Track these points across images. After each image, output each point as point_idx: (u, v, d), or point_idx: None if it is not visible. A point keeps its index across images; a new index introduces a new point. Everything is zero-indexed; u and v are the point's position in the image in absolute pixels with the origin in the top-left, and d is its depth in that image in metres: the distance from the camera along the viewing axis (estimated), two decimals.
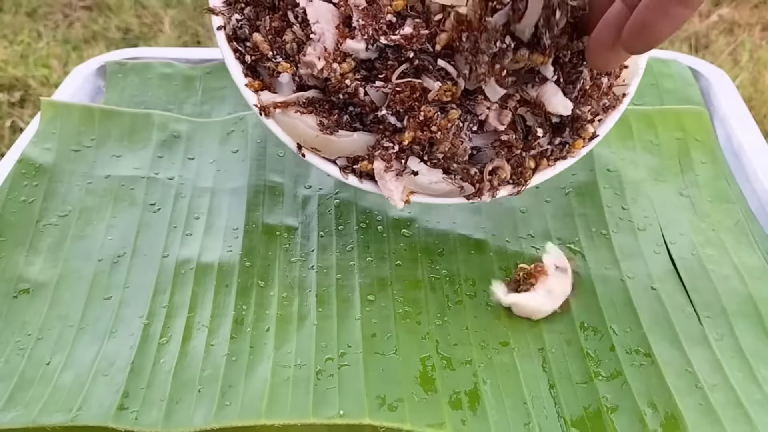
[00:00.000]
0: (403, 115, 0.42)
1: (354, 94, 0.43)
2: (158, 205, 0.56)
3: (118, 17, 1.35)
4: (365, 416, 0.40)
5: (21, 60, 1.23)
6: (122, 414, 0.41)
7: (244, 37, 0.45)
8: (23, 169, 0.57)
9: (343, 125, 0.44)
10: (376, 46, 0.42)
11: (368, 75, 0.43)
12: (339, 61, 0.43)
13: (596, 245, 0.52)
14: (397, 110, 0.42)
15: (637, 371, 0.43)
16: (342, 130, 0.44)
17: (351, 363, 0.43)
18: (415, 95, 0.42)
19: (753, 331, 0.46)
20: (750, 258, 0.51)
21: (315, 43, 0.43)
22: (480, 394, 0.42)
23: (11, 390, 0.43)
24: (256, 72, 0.46)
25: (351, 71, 0.43)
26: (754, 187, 0.57)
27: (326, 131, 0.44)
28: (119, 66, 0.72)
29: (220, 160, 0.60)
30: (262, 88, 0.45)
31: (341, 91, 0.43)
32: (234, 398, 0.42)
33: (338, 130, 0.44)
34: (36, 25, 1.33)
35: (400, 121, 0.42)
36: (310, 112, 0.44)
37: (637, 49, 0.37)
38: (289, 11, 0.44)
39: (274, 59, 0.44)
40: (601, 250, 0.51)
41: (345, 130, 0.44)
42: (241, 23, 0.45)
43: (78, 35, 1.31)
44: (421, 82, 0.42)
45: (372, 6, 0.42)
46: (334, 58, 0.43)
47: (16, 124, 1.11)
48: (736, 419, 0.40)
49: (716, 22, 1.46)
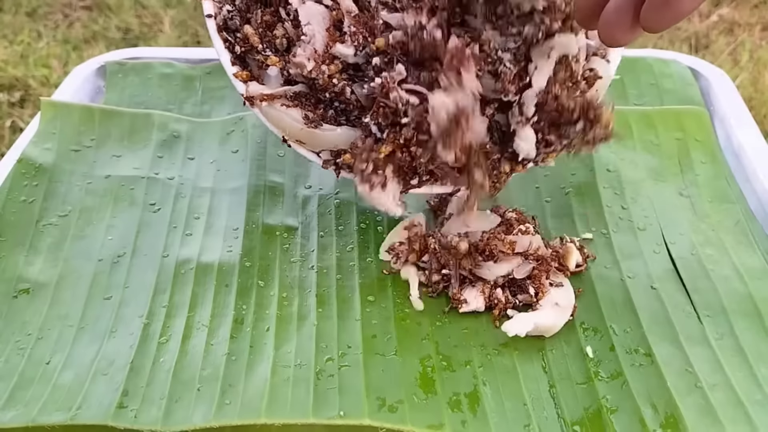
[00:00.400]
0: (384, 128, 0.43)
1: (341, 93, 0.44)
2: (158, 205, 0.56)
3: (118, 17, 1.35)
4: (365, 417, 0.40)
5: (21, 60, 1.23)
6: (122, 412, 0.41)
7: (234, 28, 0.46)
8: (23, 169, 0.57)
9: (328, 119, 0.45)
10: (365, 51, 0.43)
11: (354, 75, 0.44)
12: (327, 63, 0.43)
13: (596, 245, 0.52)
14: (379, 121, 0.43)
15: (637, 371, 0.43)
16: (326, 124, 0.45)
17: (351, 363, 0.43)
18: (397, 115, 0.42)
19: (753, 331, 0.46)
20: (750, 258, 0.51)
21: (305, 44, 0.43)
22: (480, 396, 0.42)
23: (11, 389, 0.43)
24: (245, 63, 0.46)
25: (338, 72, 0.43)
26: (754, 187, 0.57)
27: (311, 125, 0.44)
28: (119, 66, 0.72)
29: (220, 160, 0.60)
30: (251, 78, 0.46)
31: (328, 90, 0.44)
32: (234, 397, 0.42)
33: (323, 124, 0.45)
34: (36, 25, 1.33)
35: (381, 132, 0.43)
36: (296, 106, 0.45)
37: (660, 26, 0.34)
38: (281, 8, 0.44)
39: (264, 53, 0.45)
40: (601, 250, 0.51)
41: (330, 124, 0.45)
42: (232, 14, 0.46)
43: (78, 35, 1.31)
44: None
45: (363, 14, 0.43)
46: (323, 60, 0.43)
47: (16, 124, 1.11)
48: (737, 419, 0.40)
49: (716, 22, 1.46)
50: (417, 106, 0.41)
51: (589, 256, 0.50)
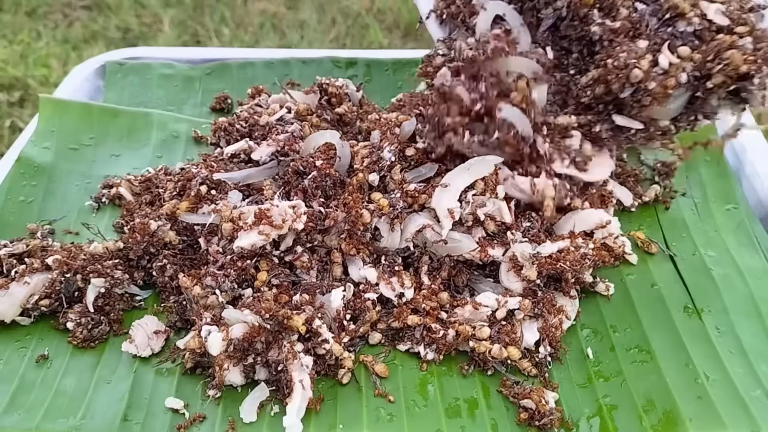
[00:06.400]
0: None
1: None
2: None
3: (118, 17, 1.35)
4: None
5: (20, 60, 1.23)
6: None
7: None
8: (22, 169, 0.57)
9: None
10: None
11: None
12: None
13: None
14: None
15: (637, 369, 0.43)
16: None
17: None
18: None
19: (754, 330, 0.45)
20: (751, 258, 0.51)
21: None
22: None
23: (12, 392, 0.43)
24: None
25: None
26: (755, 187, 0.57)
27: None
28: (119, 66, 0.71)
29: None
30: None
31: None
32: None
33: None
34: (36, 24, 1.33)
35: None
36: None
37: None
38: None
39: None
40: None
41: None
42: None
43: (78, 35, 1.31)
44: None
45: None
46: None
47: (16, 124, 1.11)
48: (736, 414, 0.40)
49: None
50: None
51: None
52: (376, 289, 0.45)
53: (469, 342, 0.43)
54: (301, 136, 0.53)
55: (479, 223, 0.46)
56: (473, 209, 0.45)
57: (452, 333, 0.44)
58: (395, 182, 0.47)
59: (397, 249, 0.47)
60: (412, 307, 0.45)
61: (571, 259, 0.45)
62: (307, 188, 0.47)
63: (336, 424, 0.40)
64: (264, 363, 0.41)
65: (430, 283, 0.46)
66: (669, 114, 0.48)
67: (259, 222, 0.43)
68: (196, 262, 0.47)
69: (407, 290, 0.45)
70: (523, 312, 0.44)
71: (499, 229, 0.47)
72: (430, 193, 0.46)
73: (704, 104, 0.48)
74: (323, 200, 0.47)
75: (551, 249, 0.45)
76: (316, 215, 0.45)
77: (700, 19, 0.46)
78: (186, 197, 0.48)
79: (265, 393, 0.41)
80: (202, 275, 0.45)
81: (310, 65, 0.72)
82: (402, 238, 0.46)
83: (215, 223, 0.45)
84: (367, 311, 0.45)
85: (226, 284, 0.44)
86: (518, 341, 0.43)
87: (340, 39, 1.30)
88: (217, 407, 0.41)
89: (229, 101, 0.68)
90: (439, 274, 0.47)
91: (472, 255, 0.46)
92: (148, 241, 0.47)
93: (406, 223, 0.46)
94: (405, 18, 1.34)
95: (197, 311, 0.44)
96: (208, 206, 0.47)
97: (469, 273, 0.47)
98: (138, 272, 0.48)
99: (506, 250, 0.46)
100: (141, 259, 0.48)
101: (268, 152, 0.51)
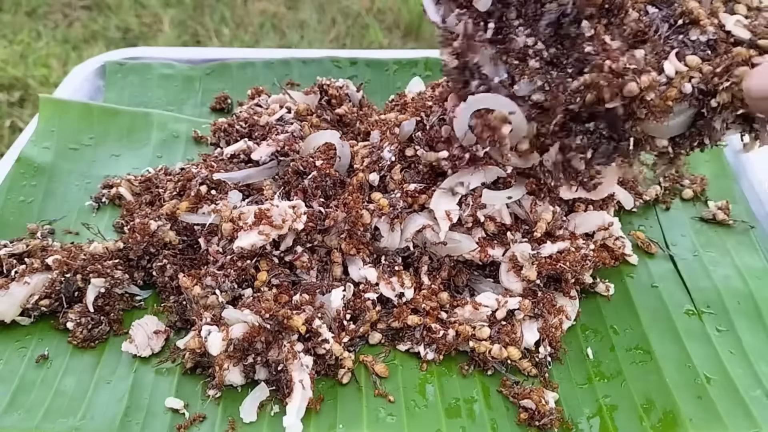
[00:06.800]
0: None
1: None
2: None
3: (118, 17, 1.35)
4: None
5: (20, 60, 1.23)
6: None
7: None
8: (22, 169, 0.57)
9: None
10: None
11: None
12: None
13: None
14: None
15: (637, 369, 0.43)
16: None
17: None
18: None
19: (754, 330, 0.46)
20: (751, 258, 0.51)
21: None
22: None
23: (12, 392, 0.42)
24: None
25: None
26: (755, 187, 0.57)
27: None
28: (119, 66, 0.71)
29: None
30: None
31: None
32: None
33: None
34: (36, 24, 1.33)
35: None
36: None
37: None
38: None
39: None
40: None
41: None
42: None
43: (78, 35, 1.31)
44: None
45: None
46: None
47: (16, 124, 1.11)
48: (735, 413, 0.40)
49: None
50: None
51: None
52: (376, 289, 0.46)
53: (469, 342, 0.43)
54: (301, 136, 0.53)
55: (479, 224, 0.46)
56: (473, 211, 0.45)
57: (452, 333, 0.44)
58: (395, 182, 0.47)
59: (397, 249, 0.47)
60: (412, 307, 0.45)
61: (571, 259, 0.45)
62: (307, 188, 0.47)
63: (336, 424, 0.40)
64: (264, 363, 0.41)
65: (430, 283, 0.46)
66: (668, 132, 0.41)
67: (259, 222, 0.43)
68: (196, 262, 0.47)
69: (407, 290, 0.45)
70: (523, 312, 0.44)
71: (499, 230, 0.47)
72: (430, 193, 0.46)
73: (708, 126, 0.41)
74: (323, 200, 0.47)
75: (551, 249, 0.45)
76: (316, 215, 0.45)
77: (715, 28, 0.40)
78: (186, 197, 0.48)
79: (265, 393, 0.41)
80: (202, 275, 0.45)
81: (310, 65, 0.72)
82: (402, 238, 0.46)
83: (215, 223, 0.45)
84: (367, 311, 0.45)
85: (226, 284, 0.44)
86: (518, 341, 0.43)
87: (340, 39, 1.30)
88: (217, 407, 0.41)
89: (229, 101, 0.68)
90: (439, 274, 0.47)
91: (472, 255, 0.46)
92: (148, 241, 0.47)
93: (406, 223, 0.46)
94: (405, 18, 1.34)
95: (197, 311, 0.44)
96: (208, 206, 0.47)
97: (469, 273, 0.47)
98: (138, 272, 0.49)
99: (506, 251, 0.46)
100: (141, 259, 0.48)
101: (268, 152, 0.51)
